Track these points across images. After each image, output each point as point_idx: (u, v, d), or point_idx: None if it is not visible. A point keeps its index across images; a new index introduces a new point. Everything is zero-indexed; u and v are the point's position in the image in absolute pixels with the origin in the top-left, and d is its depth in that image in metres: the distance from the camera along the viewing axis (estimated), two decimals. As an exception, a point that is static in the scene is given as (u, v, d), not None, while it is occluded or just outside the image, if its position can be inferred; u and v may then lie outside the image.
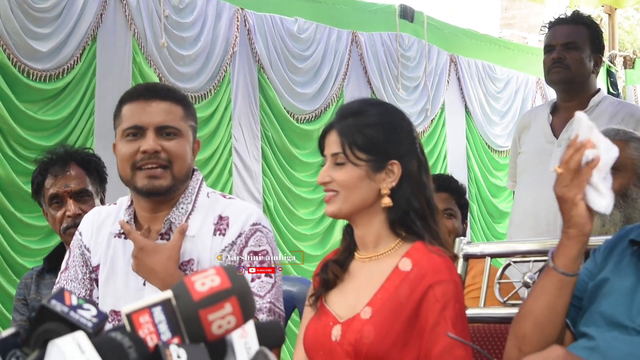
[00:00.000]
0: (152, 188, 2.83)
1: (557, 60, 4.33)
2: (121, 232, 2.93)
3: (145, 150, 2.81)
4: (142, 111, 2.85)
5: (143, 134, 2.83)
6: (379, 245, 2.60)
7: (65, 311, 1.39)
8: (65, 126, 6.22)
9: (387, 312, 2.47)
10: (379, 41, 8.60)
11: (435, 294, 2.45)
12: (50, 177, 3.65)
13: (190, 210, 2.91)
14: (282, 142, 7.71)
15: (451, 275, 2.51)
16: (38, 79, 6.05)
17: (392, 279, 2.52)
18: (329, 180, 2.57)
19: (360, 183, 2.54)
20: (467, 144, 9.49)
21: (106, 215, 3.02)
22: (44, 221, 5.89)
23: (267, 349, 1.47)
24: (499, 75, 9.93)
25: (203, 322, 1.41)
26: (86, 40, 6.34)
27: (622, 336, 2.21)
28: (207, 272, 1.46)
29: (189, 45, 7.00)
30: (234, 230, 2.87)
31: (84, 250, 3.00)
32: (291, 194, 7.75)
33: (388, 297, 2.49)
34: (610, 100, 4.50)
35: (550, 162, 4.30)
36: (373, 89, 8.47)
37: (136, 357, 1.33)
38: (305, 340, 2.64)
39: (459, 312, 2.46)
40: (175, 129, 2.86)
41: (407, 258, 2.54)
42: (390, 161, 2.55)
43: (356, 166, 2.54)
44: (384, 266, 2.56)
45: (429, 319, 2.44)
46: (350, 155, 2.54)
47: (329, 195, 2.58)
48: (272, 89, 7.62)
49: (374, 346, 2.44)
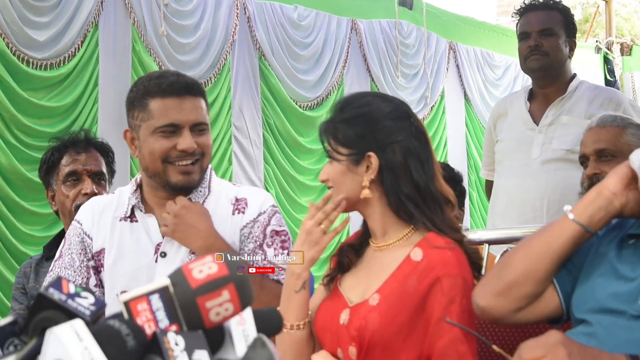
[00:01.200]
0: (186, 183, 2.94)
1: (534, 48, 4.32)
2: (127, 216, 3.01)
3: (184, 149, 2.89)
4: (178, 109, 2.90)
5: (178, 131, 2.89)
6: (387, 235, 2.61)
7: (63, 299, 1.39)
8: (70, 113, 6.24)
9: (394, 300, 2.47)
10: (378, 29, 8.60)
11: (442, 288, 2.44)
12: (69, 155, 3.71)
13: (207, 194, 3.02)
14: (286, 129, 7.71)
15: (461, 271, 2.49)
16: (38, 67, 6.06)
17: (402, 268, 2.52)
18: (326, 177, 2.64)
19: (344, 178, 2.58)
20: (467, 131, 9.49)
21: (106, 204, 3.07)
22: (47, 209, 5.91)
23: (266, 336, 1.47)
24: (497, 62, 9.93)
25: (201, 309, 1.42)
26: (87, 28, 6.34)
27: (620, 322, 2.21)
28: (204, 260, 1.46)
29: (189, 33, 7.00)
30: (254, 208, 3.00)
31: (84, 237, 3.03)
32: (294, 181, 7.76)
33: (396, 286, 2.49)
34: (587, 85, 4.49)
35: (532, 150, 4.30)
36: (373, 76, 8.48)
37: (134, 345, 1.33)
38: (316, 320, 2.66)
39: (465, 307, 2.44)
40: (205, 124, 2.96)
41: (418, 248, 2.54)
42: (367, 153, 2.55)
43: (339, 162, 2.59)
44: (396, 255, 2.57)
45: (435, 312, 2.43)
46: (333, 152, 2.59)
47: (330, 191, 2.64)
48: (275, 76, 7.63)
49: (377, 333, 2.45)
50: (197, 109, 2.92)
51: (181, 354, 1.31)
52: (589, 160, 3.42)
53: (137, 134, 2.95)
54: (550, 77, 4.35)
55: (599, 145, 3.38)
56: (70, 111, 6.24)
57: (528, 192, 4.22)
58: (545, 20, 4.35)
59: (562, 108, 4.28)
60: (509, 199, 4.34)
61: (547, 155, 4.24)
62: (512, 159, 4.39)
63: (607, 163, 3.35)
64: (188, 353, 1.32)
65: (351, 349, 2.50)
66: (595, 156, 3.38)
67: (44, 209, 5.92)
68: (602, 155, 3.37)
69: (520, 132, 4.37)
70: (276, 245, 2.98)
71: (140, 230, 2.99)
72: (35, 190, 5.94)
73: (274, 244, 2.98)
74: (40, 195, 5.91)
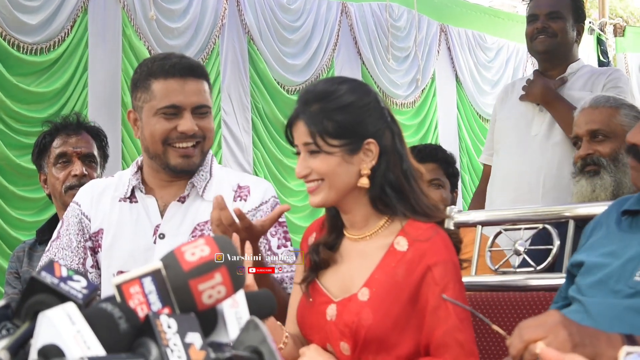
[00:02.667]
0: (185, 167, 2.94)
1: (541, 30, 4.33)
2: (127, 197, 3.02)
3: (184, 131, 2.89)
4: (180, 91, 2.89)
5: (180, 113, 2.89)
6: (368, 225, 2.54)
7: (55, 282, 1.39)
8: (59, 98, 6.23)
9: (385, 294, 2.43)
10: (369, 11, 8.58)
11: (434, 277, 2.40)
12: (60, 138, 3.73)
13: (208, 179, 3.01)
14: (273, 114, 7.70)
15: (449, 255, 2.46)
16: (29, 52, 6.05)
17: (387, 259, 2.48)
18: (308, 172, 2.49)
19: (339, 169, 2.46)
20: (458, 114, 9.50)
21: (105, 186, 3.08)
22: (37, 194, 5.92)
23: (258, 318, 1.47)
24: (489, 44, 9.92)
25: (193, 292, 1.41)
26: (76, 12, 6.32)
27: (614, 300, 2.22)
28: (197, 242, 1.46)
29: (178, 17, 6.99)
30: (256, 197, 2.99)
31: (82, 218, 3.04)
32: (282, 166, 7.76)
33: (385, 279, 2.45)
34: (589, 68, 4.53)
35: (532, 127, 4.31)
36: (363, 59, 8.47)
37: (126, 328, 1.33)
38: (299, 319, 2.62)
39: (459, 292, 2.42)
40: (208, 107, 2.95)
41: (402, 237, 2.48)
42: (366, 141, 2.47)
43: (330, 154, 2.46)
44: (377, 245, 2.52)
45: (429, 302, 2.40)
46: (323, 145, 2.45)
47: (312, 185, 2.50)
48: (263, 61, 7.62)
49: (372, 329, 2.41)
50: (199, 92, 2.92)
51: (174, 336, 1.31)
52: (582, 141, 3.42)
53: (139, 115, 2.95)
54: (556, 60, 4.36)
55: (592, 125, 3.38)
56: (59, 96, 6.23)
57: (525, 167, 4.23)
58: (554, 3, 4.37)
59: (562, 88, 4.29)
60: (507, 174, 4.35)
61: (545, 132, 4.25)
62: (510, 136, 4.40)
63: (600, 143, 3.36)
64: (181, 336, 1.31)
65: (343, 344, 2.47)
66: (589, 137, 3.39)
67: (34, 194, 5.92)
68: (595, 135, 3.37)
69: (520, 110, 4.39)
70: (279, 235, 2.98)
71: (140, 210, 3.00)
72: (25, 176, 5.94)
73: (278, 233, 2.98)
74: (30, 181, 5.93)
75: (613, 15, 12.93)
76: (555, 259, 2.96)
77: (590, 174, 3.35)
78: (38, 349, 1.25)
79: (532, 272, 2.99)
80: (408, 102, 8.93)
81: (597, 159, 3.35)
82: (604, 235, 2.42)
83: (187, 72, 2.91)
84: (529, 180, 4.22)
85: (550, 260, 2.96)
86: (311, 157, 2.48)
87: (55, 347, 1.25)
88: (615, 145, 3.33)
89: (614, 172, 3.31)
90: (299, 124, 2.49)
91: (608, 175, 3.31)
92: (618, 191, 3.28)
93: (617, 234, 2.38)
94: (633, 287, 2.20)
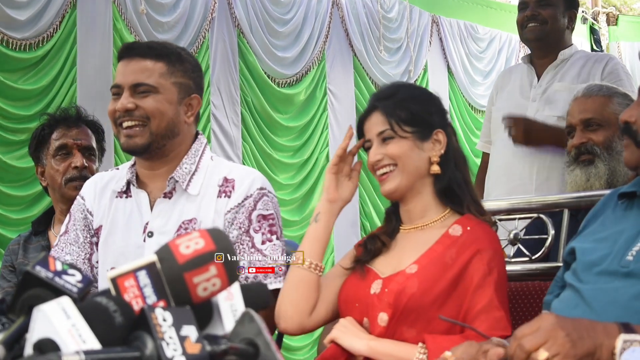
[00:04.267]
0: (129, 146, 2.90)
1: (531, 17, 4.34)
2: (122, 191, 3.00)
3: (116, 108, 2.87)
4: (122, 71, 2.91)
5: (121, 93, 2.88)
6: (426, 216, 2.70)
7: (50, 277, 1.39)
8: (47, 95, 6.19)
9: (433, 269, 2.55)
10: (360, 3, 8.57)
11: (482, 258, 2.54)
12: (60, 130, 3.72)
13: (193, 171, 2.95)
14: (262, 107, 7.69)
15: (499, 247, 2.63)
16: (17, 48, 6.01)
17: (441, 242, 2.61)
18: (380, 158, 2.66)
19: (412, 153, 2.65)
20: (450, 105, 9.49)
21: (109, 179, 3.07)
22: (24, 191, 5.90)
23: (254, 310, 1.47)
24: (481, 34, 9.92)
25: (188, 284, 1.41)
26: (65, 7, 6.30)
27: (606, 285, 2.22)
28: (191, 235, 1.46)
29: (168, 11, 6.98)
30: (240, 192, 2.92)
31: (86, 214, 3.04)
32: (270, 159, 7.75)
33: (435, 257, 2.58)
34: (582, 53, 4.54)
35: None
36: (355, 51, 8.46)
37: (122, 321, 1.33)
38: (342, 294, 2.71)
39: (502, 280, 2.56)
40: (150, 86, 2.88)
41: (457, 225, 2.64)
42: (435, 130, 2.69)
43: (404, 138, 2.65)
44: (432, 233, 2.66)
45: (474, 280, 2.52)
46: (398, 130, 2.65)
47: (385, 173, 2.67)
48: (252, 54, 7.60)
49: (414, 298, 2.51)
50: (140, 70, 2.88)
51: (169, 329, 1.31)
52: (576, 130, 3.42)
53: None
54: (548, 47, 4.36)
55: (586, 114, 3.38)
56: (46, 93, 6.18)
57: (519, 158, 4.23)
58: None
59: (555, 75, 4.29)
60: (500, 165, 4.36)
61: None
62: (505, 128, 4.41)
63: (593, 132, 3.37)
64: (176, 329, 1.31)
65: (381, 315, 2.55)
66: (582, 126, 3.39)
67: (20, 191, 5.90)
68: (589, 124, 3.38)
69: (515, 101, 4.39)
70: (264, 230, 2.91)
71: (133, 206, 2.98)
72: (12, 173, 5.92)
73: (262, 228, 2.90)
74: (17, 178, 5.91)
75: (606, 4, 12.94)
76: (550, 248, 2.97)
77: (584, 163, 3.36)
78: (33, 343, 1.25)
79: (527, 261, 2.99)
80: (447, 108, 8.93)
81: (590, 148, 3.35)
82: (600, 222, 2.43)
83: (134, 53, 2.92)
84: (522, 173, 4.22)
85: (545, 250, 2.96)
86: (384, 145, 2.67)
87: (50, 341, 1.25)
88: (608, 133, 3.34)
89: (607, 160, 3.31)
90: (374, 116, 2.71)
91: (602, 163, 3.31)
92: (612, 179, 3.29)
93: (612, 219, 2.39)
94: (626, 267, 2.21)
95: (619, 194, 2.43)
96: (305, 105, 8.09)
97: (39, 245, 3.66)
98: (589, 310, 2.18)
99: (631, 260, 2.21)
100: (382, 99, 2.72)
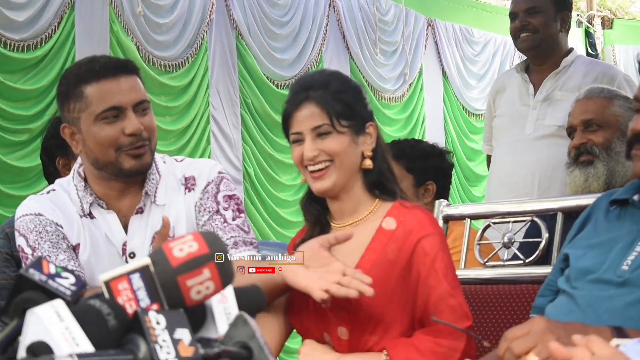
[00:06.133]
0: (140, 167, 2.77)
1: (521, 28, 4.34)
2: (87, 213, 2.82)
3: (132, 132, 2.71)
4: (116, 90, 2.72)
5: (122, 114, 2.72)
6: (358, 211, 2.62)
7: (43, 280, 1.39)
8: (46, 95, 6.17)
9: (378, 272, 2.47)
10: (357, 6, 8.57)
11: (424, 248, 2.49)
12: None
13: (158, 179, 2.86)
14: (263, 108, 7.68)
15: (436, 228, 2.56)
16: (16, 49, 6.00)
17: (377, 239, 2.54)
18: (317, 154, 2.55)
19: (349, 149, 2.56)
20: (444, 108, 9.49)
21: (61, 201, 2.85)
22: (24, 192, 5.88)
23: (247, 313, 1.47)
24: (476, 38, 9.92)
25: (182, 288, 1.41)
26: (63, 9, 6.30)
27: (601, 293, 2.22)
28: (185, 238, 1.46)
29: (165, 13, 6.96)
30: (202, 181, 2.85)
31: (56, 227, 2.81)
32: (272, 160, 7.74)
33: (377, 257, 2.51)
34: (584, 59, 4.52)
35: (526, 125, 4.32)
36: (351, 54, 8.46)
37: (115, 324, 1.33)
38: (292, 311, 2.64)
39: (447, 262, 2.51)
40: (147, 102, 2.80)
41: (390, 217, 2.56)
42: (368, 123, 2.60)
43: (341, 134, 2.54)
44: (366, 229, 2.58)
45: (421, 272, 2.47)
46: (337, 124, 2.54)
47: (320, 170, 2.56)
48: (251, 56, 7.60)
49: (369, 307, 2.45)
50: (136, 88, 2.75)
51: (162, 332, 1.31)
52: (576, 131, 3.43)
53: (76, 127, 2.76)
54: (543, 55, 4.37)
55: (586, 115, 3.40)
56: (46, 94, 6.17)
57: (520, 167, 4.24)
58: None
59: (556, 83, 4.30)
60: (502, 174, 4.37)
61: (539, 132, 4.27)
62: (506, 135, 4.42)
63: (593, 133, 3.38)
64: (169, 332, 1.32)
65: (340, 329, 2.51)
66: (582, 126, 3.41)
67: (20, 191, 5.88)
68: (589, 125, 3.39)
69: (515, 108, 4.40)
70: (233, 208, 2.84)
71: (103, 227, 2.82)
72: (12, 173, 5.91)
73: (230, 207, 2.84)
74: (17, 178, 5.91)
75: (601, 8, 12.94)
76: (544, 252, 2.97)
77: (584, 164, 3.37)
78: (26, 346, 1.25)
79: (521, 265, 3.00)
80: (396, 96, 8.92)
81: (590, 148, 3.36)
82: (593, 227, 2.43)
83: (118, 70, 2.75)
84: (524, 182, 4.23)
85: (539, 253, 2.97)
86: (319, 140, 2.55)
87: (43, 344, 1.25)
88: (608, 134, 3.35)
89: (606, 160, 3.32)
90: (308, 108, 2.56)
91: (601, 164, 3.32)
92: (611, 180, 3.30)
93: (606, 225, 2.39)
94: (621, 276, 2.21)
95: (611, 200, 2.43)
96: (304, 107, 8.08)
97: None
98: (583, 317, 2.19)
99: (626, 269, 2.22)
100: (314, 88, 2.57)
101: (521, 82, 4.42)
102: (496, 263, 3.05)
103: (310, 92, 2.57)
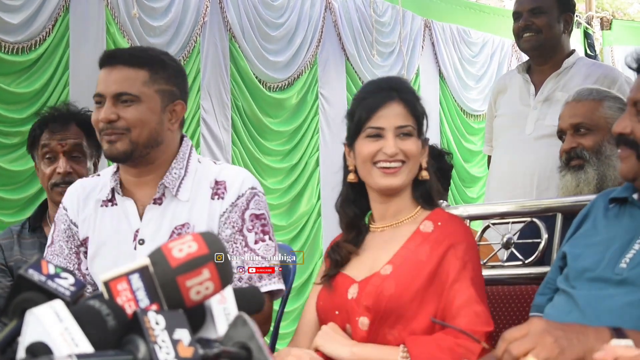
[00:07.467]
0: (111, 153, 2.85)
1: (525, 28, 4.34)
2: (107, 200, 2.95)
3: (99, 119, 2.83)
4: (104, 79, 2.87)
5: (103, 102, 2.84)
6: (400, 215, 2.68)
7: (43, 280, 1.38)
8: (39, 98, 6.16)
9: (407, 268, 2.54)
10: (353, 7, 8.57)
11: (456, 253, 2.54)
12: (48, 132, 3.61)
13: (182, 176, 2.91)
14: (253, 111, 7.68)
15: (471, 239, 2.61)
16: (10, 51, 6.00)
17: (413, 239, 2.60)
18: (397, 152, 2.60)
19: (419, 155, 2.65)
20: (441, 109, 9.48)
21: (91, 188, 3.01)
22: (17, 194, 5.88)
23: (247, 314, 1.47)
24: (474, 39, 9.92)
25: (181, 288, 1.41)
26: (58, 11, 6.29)
27: (600, 292, 2.22)
28: (184, 239, 1.46)
29: (160, 15, 6.96)
30: (233, 192, 2.89)
31: (70, 225, 2.99)
32: (259, 164, 7.73)
33: (409, 255, 2.57)
34: (585, 61, 4.51)
35: (526, 126, 4.31)
36: (348, 55, 8.46)
37: (114, 324, 1.33)
38: (319, 304, 2.69)
39: (478, 272, 2.56)
40: (132, 95, 2.82)
41: (428, 221, 2.63)
42: (424, 137, 2.69)
43: (418, 139, 2.65)
44: (405, 230, 2.64)
45: (450, 276, 2.51)
46: (417, 129, 2.65)
47: (394, 167, 2.62)
48: (244, 58, 7.59)
49: (393, 299, 2.50)
50: (122, 79, 2.83)
51: (162, 333, 1.31)
52: (566, 135, 3.42)
53: None
54: (546, 55, 4.37)
55: (575, 119, 3.38)
56: (39, 96, 6.16)
57: (519, 168, 4.24)
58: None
59: (557, 84, 4.30)
60: (502, 174, 4.37)
61: (539, 132, 4.26)
62: (506, 135, 4.42)
63: (583, 136, 3.36)
64: (169, 332, 1.31)
65: (362, 319, 2.55)
66: (572, 130, 3.39)
67: (13, 194, 5.88)
68: (578, 129, 3.37)
69: (515, 108, 4.40)
70: (257, 230, 2.88)
71: (120, 214, 2.92)
72: (5, 176, 5.91)
73: (255, 228, 2.88)
74: (9, 181, 5.90)
75: (599, 9, 12.96)
76: (544, 252, 2.97)
77: (575, 168, 3.36)
78: (26, 347, 1.24)
79: (520, 265, 2.99)
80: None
81: (580, 152, 3.35)
82: (591, 226, 2.43)
83: (116, 60, 2.87)
84: (523, 182, 4.22)
85: (539, 254, 2.97)
86: (399, 139, 2.62)
87: (43, 344, 1.25)
88: (598, 138, 3.33)
89: (597, 165, 3.31)
90: (395, 107, 2.64)
91: (592, 169, 3.31)
92: (602, 184, 3.28)
93: (604, 223, 2.39)
94: (619, 274, 2.21)
95: (610, 199, 2.43)
96: (296, 110, 8.08)
97: (37, 242, 3.54)
98: (582, 317, 2.18)
99: (625, 267, 2.22)
100: (401, 90, 2.67)
101: (522, 82, 4.42)
102: (495, 264, 3.05)
103: (397, 92, 2.64)
